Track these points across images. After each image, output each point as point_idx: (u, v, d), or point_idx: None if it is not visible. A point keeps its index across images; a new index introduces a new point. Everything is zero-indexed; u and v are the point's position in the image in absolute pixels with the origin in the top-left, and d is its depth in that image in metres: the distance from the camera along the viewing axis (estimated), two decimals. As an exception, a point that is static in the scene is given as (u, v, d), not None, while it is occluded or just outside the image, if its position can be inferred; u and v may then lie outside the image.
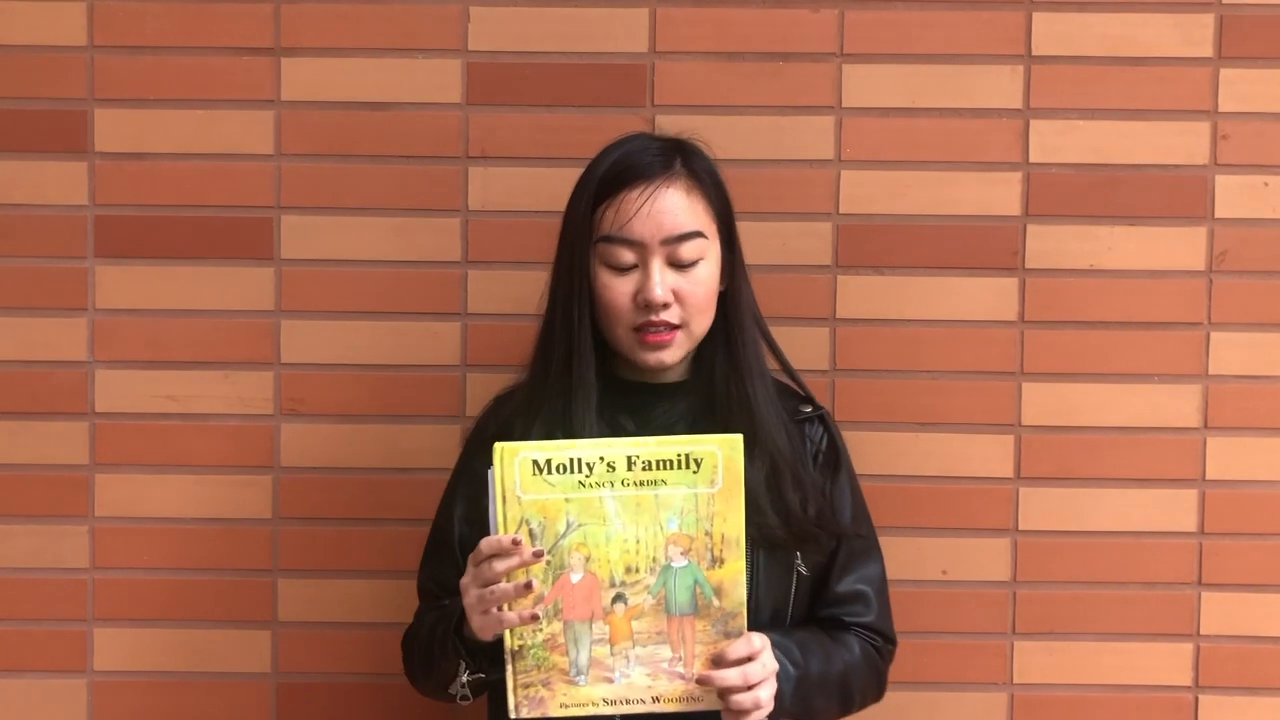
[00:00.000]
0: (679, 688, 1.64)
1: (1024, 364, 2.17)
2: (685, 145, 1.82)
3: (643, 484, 1.60)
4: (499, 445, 1.60)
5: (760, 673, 1.64)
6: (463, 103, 2.16)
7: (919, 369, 2.17)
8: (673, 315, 1.76)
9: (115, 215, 2.17)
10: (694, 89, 2.15)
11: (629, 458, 1.60)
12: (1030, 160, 2.16)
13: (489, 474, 1.60)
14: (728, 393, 1.80)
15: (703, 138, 1.85)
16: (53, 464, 2.19)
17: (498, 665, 1.65)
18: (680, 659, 1.64)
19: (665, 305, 1.75)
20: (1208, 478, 2.17)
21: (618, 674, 1.63)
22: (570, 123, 2.15)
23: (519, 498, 1.60)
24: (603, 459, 1.60)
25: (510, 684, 1.63)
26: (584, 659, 1.63)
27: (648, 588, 1.62)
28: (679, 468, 1.60)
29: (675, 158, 1.79)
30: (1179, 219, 2.16)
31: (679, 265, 1.76)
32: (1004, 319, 2.17)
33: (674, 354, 1.79)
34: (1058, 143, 2.15)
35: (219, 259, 2.17)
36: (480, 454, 1.70)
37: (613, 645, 1.63)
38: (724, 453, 1.61)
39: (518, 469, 1.59)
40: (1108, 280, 2.16)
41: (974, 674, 2.18)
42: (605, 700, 1.64)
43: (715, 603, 1.63)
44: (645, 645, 1.63)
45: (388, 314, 2.17)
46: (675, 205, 1.76)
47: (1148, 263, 2.16)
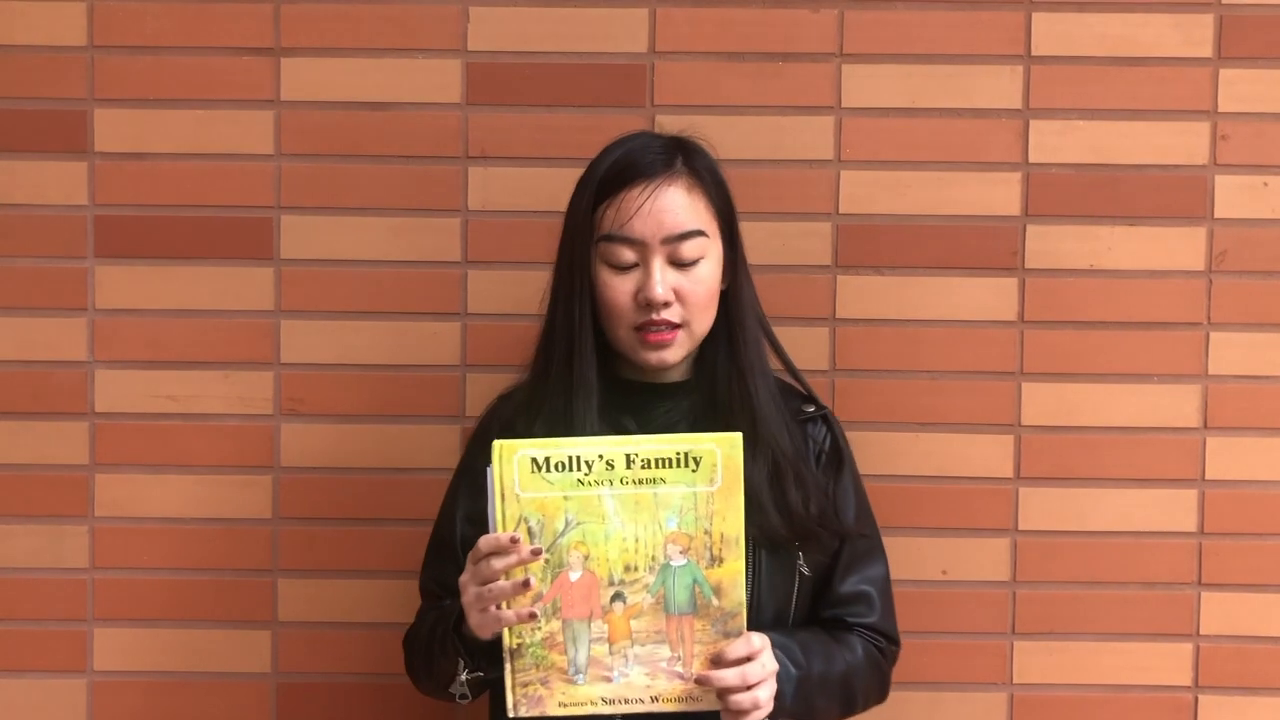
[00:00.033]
0: (678, 687, 1.64)
1: (1024, 364, 2.17)
2: (687, 143, 1.82)
3: (641, 482, 1.60)
4: (497, 443, 1.60)
5: (759, 673, 1.64)
6: (462, 103, 2.17)
7: (919, 369, 2.17)
8: (674, 314, 1.76)
9: (115, 215, 2.17)
10: (694, 89, 2.15)
11: (628, 456, 1.60)
12: (1030, 160, 2.16)
13: (488, 472, 1.60)
14: (729, 392, 1.80)
15: (704, 136, 1.85)
16: (53, 464, 2.19)
17: (497, 664, 1.65)
18: (679, 658, 1.63)
19: (666, 304, 1.75)
20: (1207, 478, 2.17)
21: (616, 673, 1.63)
22: (570, 123, 2.15)
23: (518, 495, 1.60)
24: (601, 457, 1.60)
25: (509, 683, 1.63)
26: (582, 658, 1.63)
27: (647, 586, 1.62)
28: (678, 466, 1.60)
29: (676, 156, 1.78)
30: (1179, 219, 2.16)
31: (680, 264, 1.76)
32: (1004, 319, 2.17)
33: (675, 353, 1.78)
34: (1057, 143, 2.15)
35: (219, 259, 2.17)
36: (482, 454, 1.70)
37: (611, 644, 1.63)
38: (723, 451, 1.60)
39: (516, 467, 1.59)
40: (1107, 280, 2.16)
41: (974, 674, 2.18)
42: (604, 699, 1.64)
43: (714, 602, 1.62)
44: (644, 644, 1.63)
45: (387, 314, 2.17)
46: (676, 204, 1.76)
47: (1147, 263, 2.16)
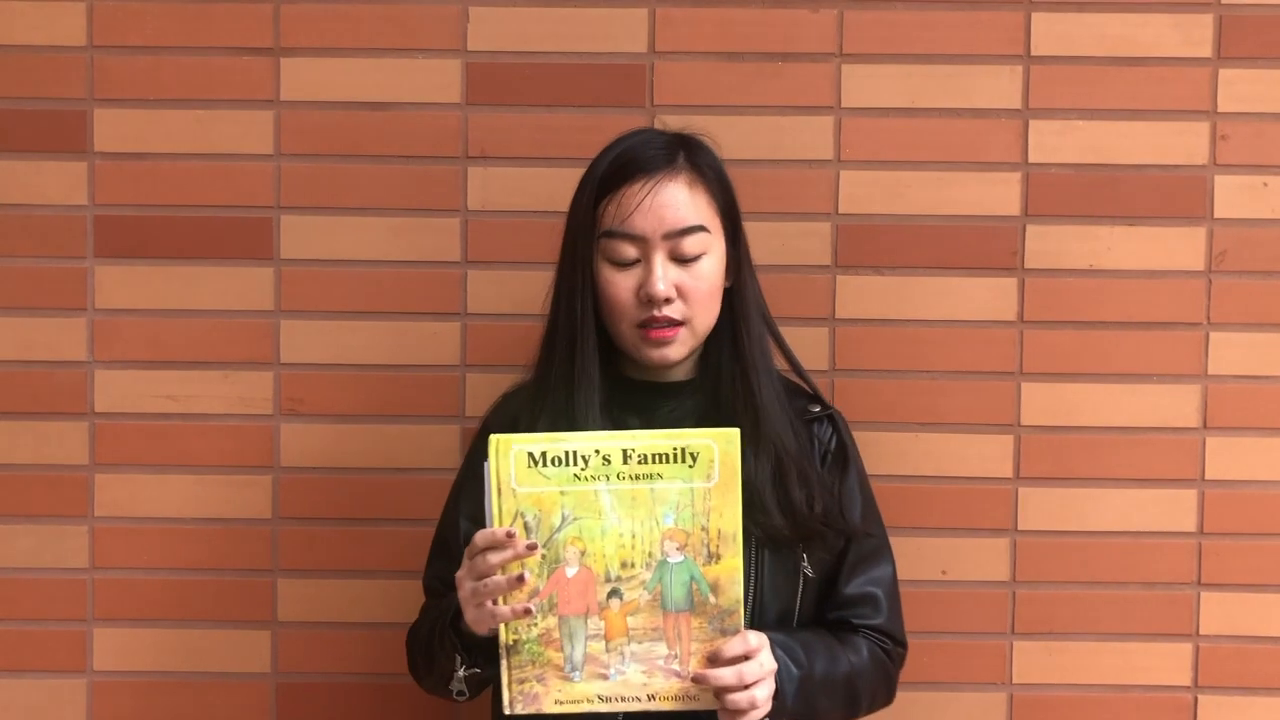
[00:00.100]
0: (675, 686, 1.63)
1: (1023, 364, 2.17)
2: (689, 140, 1.81)
3: (638, 478, 1.60)
4: (494, 437, 1.60)
5: (757, 672, 1.63)
6: (462, 103, 2.17)
7: (918, 369, 2.17)
8: (675, 311, 1.75)
9: (115, 215, 2.17)
10: (693, 89, 2.15)
11: (624, 451, 1.59)
12: (1030, 160, 2.16)
13: (484, 466, 1.60)
14: (733, 390, 1.79)
15: (708, 132, 1.85)
16: (52, 464, 2.19)
17: (494, 661, 1.64)
18: (676, 656, 1.63)
19: (668, 300, 1.74)
20: (1207, 478, 2.17)
21: (613, 671, 1.62)
22: (570, 123, 2.15)
23: (514, 490, 1.59)
24: (598, 452, 1.59)
25: (505, 679, 1.63)
26: (579, 655, 1.62)
27: (643, 583, 1.61)
28: (675, 461, 1.59)
29: (679, 152, 1.78)
30: (1178, 219, 2.16)
31: (682, 260, 1.75)
32: (1003, 319, 2.17)
33: (678, 350, 1.78)
34: (1057, 143, 2.15)
35: (219, 259, 2.17)
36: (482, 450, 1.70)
37: (608, 641, 1.62)
38: (720, 447, 1.60)
39: (513, 461, 1.59)
40: (1107, 280, 2.16)
41: (973, 674, 2.18)
42: (600, 697, 1.63)
43: (711, 599, 1.62)
44: (641, 642, 1.62)
45: (387, 314, 2.18)
46: (677, 199, 1.75)
47: (1147, 263, 2.16)
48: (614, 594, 1.61)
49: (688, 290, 1.75)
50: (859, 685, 1.79)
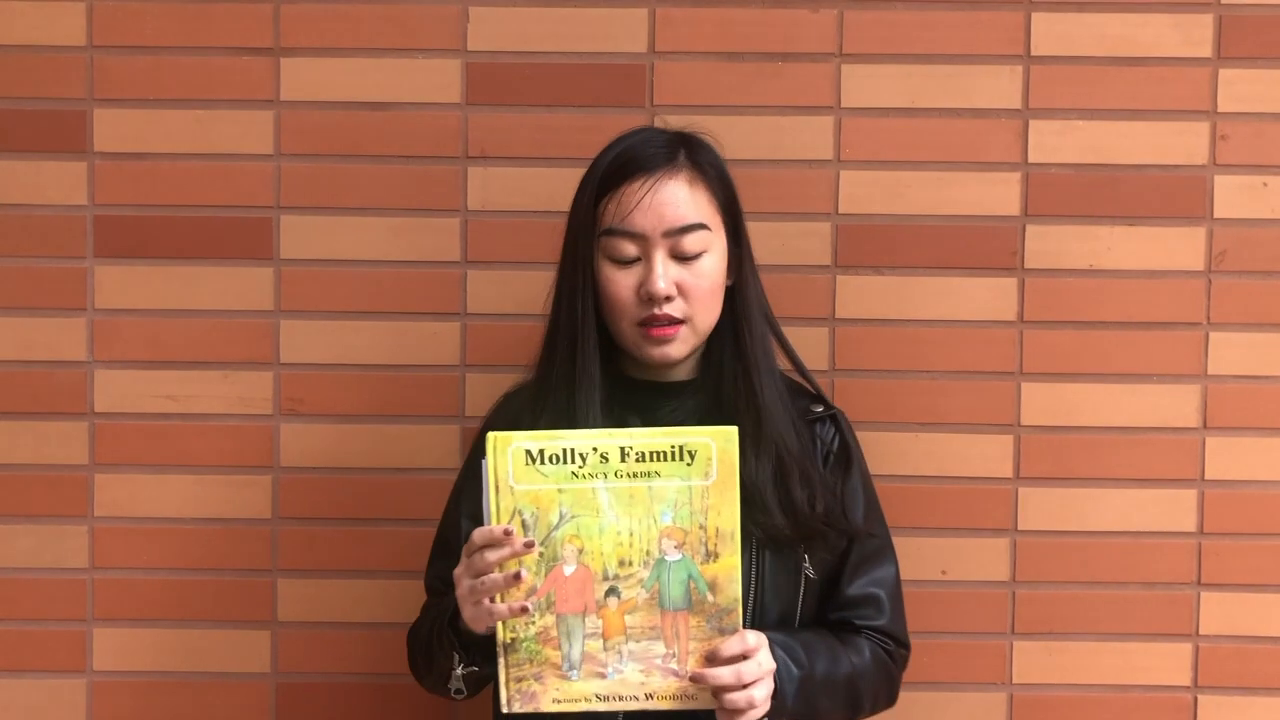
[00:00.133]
0: (673, 685, 1.62)
1: (1023, 364, 2.17)
2: (691, 138, 1.81)
3: (636, 475, 1.59)
4: (491, 434, 1.60)
5: (755, 671, 1.62)
6: (462, 103, 2.17)
7: (918, 369, 2.17)
8: (676, 309, 1.75)
9: (115, 215, 2.17)
10: (693, 89, 2.15)
11: (622, 449, 1.59)
12: (1029, 160, 2.15)
13: (482, 464, 1.59)
14: (734, 389, 1.79)
15: (710, 131, 1.85)
16: (52, 464, 2.19)
17: (492, 659, 1.63)
18: (674, 655, 1.62)
19: (668, 298, 1.73)
20: (1207, 478, 2.16)
21: (610, 669, 1.62)
22: (570, 123, 2.15)
23: (511, 488, 1.59)
24: (596, 450, 1.59)
25: (502, 677, 1.62)
26: (576, 653, 1.62)
27: (641, 581, 1.61)
28: (673, 459, 1.59)
29: (679, 150, 1.78)
30: (1178, 219, 2.16)
31: (682, 258, 1.75)
32: (1003, 319, 2.16)
33: (679, 348, 1.77)
34: (1057, 143, 2.15)
35: (218, 259, 2.17)
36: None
37: (605, 640, 1.62)
38: (718, 445, 1.59)
39: (510, 459, 1.59)
40: (1107, 280, 2.16)
41: (973, 674, 2.18)
42: (598, 696, 1.63)
43: (709, 598, 1.61)
44: (639, 640, 1.62)
45: (387, 314, 2.17)
46: (677, 197, 1.75)
47: (1147, 263, 2.16)
48: (612, 592, 1.61)
49: (688, 288, 1.75)
50: (860, 686, 1.79)
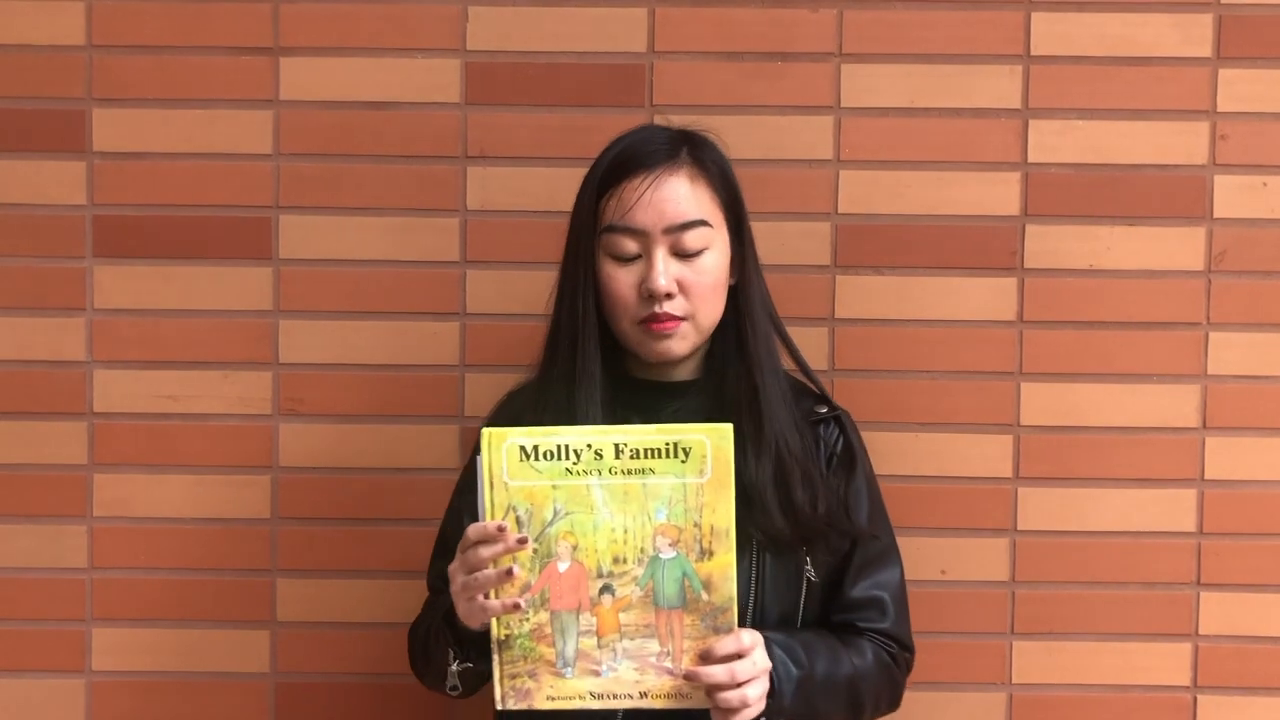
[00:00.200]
0: (667, 683, 1.62)
1: (1023, 364, 2.17)
2: (693, 135, 1.81)
3: (630, 473, 1.58)
4: (486, 430, 1.59)
5: (749, 670, 1.61)
6: (461, 102, 2.16)
7: (918, 369, 2.17)
8: (677, 307, 1.74)
9: (114, 215, 2.17)
10: (693, 89, 2.15)
11: (616, 445, 1.58)
12: (1029, 160, 2.15)
13: (477, 460, 1.59)
14: (737, 389, 1.78)
15: (713, 130, 1.84)
16: (51, 464, 2.19)
17: (487, 656, 1.63)
18: (668, 654, 1.61)
19: (669, 295, 1.73)
20: (1206, 478, 2.16)
21: (605, 667, 1.62)
22: (569, 122, 2.15)
23: (506, 484, 1.58)
24: (590, 446, 1.58)
25: (497, 674, 1.62)
26: (571, 650, 1.61)
27: (635, 579, 1.60)
28: (667, 457, 1.58)
29: (681, 147, 1.77)
30: (1178, 219, 2.16)
31: (683, 255, 1.74)
32: (1003, 319, 2.16)
33: (680, 345, 1.77)
34: (1056, 142, 2.15)
35: (218, 259, 2.17)
36: None
37: (600, 637, 1.61)
38: (713, 442, 1.58)
39: (505, 455, 1.58)
40: (1106, 280, 2.16)
41: (973, 674, 2.18)
42: (592, 694, 1.62)
43: (704, 596, 1.60)
44: (633, 638, 1.61)
45: (386, 314, 2.17)
46: (678, 193, 1.74)
47: (1147, 263, 2.16)
48: (606, 590, 1.60)
49: (689, 285, 1.74)
50: (862, 688, 1.78)
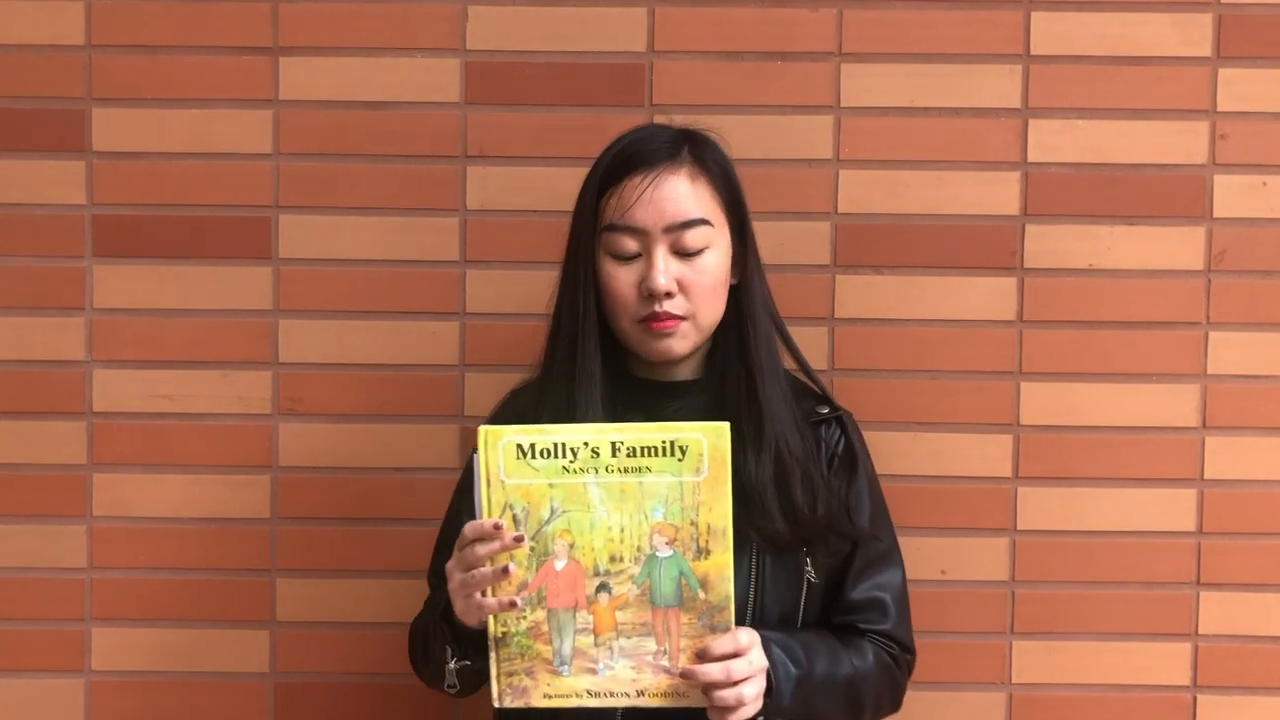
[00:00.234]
0: (664, 682, 1.61)
1: (1022, 363, 2.17)
2: (695, 135, 1.80)
3: (627, 471, 1.58)
4: (483, 428, 1.59)
5: (746, 669, 1.60)
6: (461, 102, 2.16)
7: (917, 369, 2.17)
8: (677, 306, 1.74)
9: (113, 214, 2.17)
10: (692, 88, 2.15)
11: (613, 444, 1.58)
12: (1029, 160, 2.15)
13: (473, 457, 1.59)
14: (737, 389, 1.78)
15: (716, 129, 1.84)
16: (50, 464, 2.19)
17: (485, 653, 1.63)
18: (665, 652, 1.61)
19: (669, 294, 1.73)
20: (1206, 477, 2.16)
21: (601, 665, 1.61)
22: (569, 122, 2.15)
23: (503, 482, 1.58)
24: (587, 444, 1.58)
25: (494, 671, 1.62)
26: (567, 648, 1.61)
27: (632, 577, 1.60)
28: (664, 455, 1.58)
29: (683, 146, 1.77)
30: (1177, 218, 2.16)
31: (684, 253, 1.74)
32: (1002, 319, 2.16)
33: (681, 344, 1.76)
34: (1056, 142, 2.15)
35: (217, 258, 2.17)
36: None
37: (597, 635, 1.61)
38: (709, 441, 1.58)
39: (501, 452, 1.58)
40: (1106, 280, 2.16)
41: (972, 674, 2.18)
42: (589, 692, 1.62)
43: (701, 595, 1.60)
44: (630, 637, 1.61)
45: (386, 314, 2.17)
46: (679, 192, 1.74)
47: (1146, 262, 2.16)
48: (603, 588, 1.60)
49: (689, 284, 1.74)
50: (862, 689, 1.77)
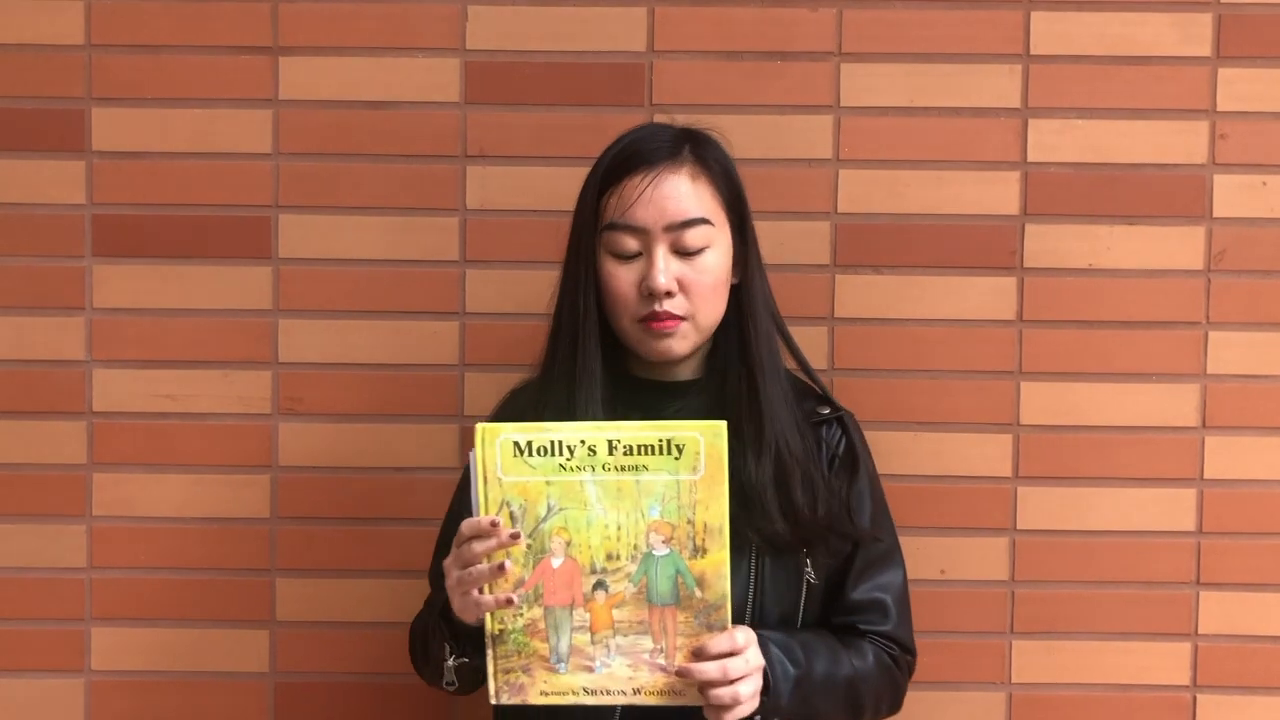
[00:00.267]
0: (660, 680, 1.62)
1: (1022, 363, 2.17)
2: (697, 134, 1.80)
3: (624, 469, 1.58)
4: (480, 426, 1.59)
5: (742, 668, 1.60)
6: (461, 102, 2.16)
7: (917, 368, 2.17)
8: (677, 306, 1.73)
9: (113, 214, 2.17)
10: (692, 88, 2.15)
11: (610, 442, 1.58)
12: (1029, 159, 2.15)
13: (470, 455, 1.59)
14: (738, 389, 1.77)
15: (718, 128, 1.84)
16: (50, 463, 2.19)
17: (483, 651, 1.63)
18: (662, 650, 1.61)
19: (669, 294, 1.72)
20: (1206, 477, 2.16)
21: (598, 663, 1.61)
22: (568, 122, 2.15)
23: (500, 479, 1.58)
24: (584, 442, 1.58)
25: (491, 669, 1.62)
26: (564, 646, 1.61)
27: (629, 575, 1.60)
28: (660, 453, 1.58)
29: (684, 145, 1.77)
30: (1177, 218, 2.16)
31: (684, 253, 1.74)
32: (1002, 318, 2.16)
33: (680, 344, 1.76)
34: (1056, 142, 2.15)
35: (217, 258, 2.17)
36: None
37: (593, 633, 1.61)
38: (706, 439, 1.58)
39: (499, 450, 1.58)
40: (1106, 280, 2.16)
41: (972, 673, 2.18)
42: (586, 690, 1.62)
43: (697, 594, 1.60)
44: (626, 635, 1.61)
45: (386, 313, 2.17)
46: (679, 191, 1.74)
47: (1146, 262, 2.16)
48: (599, 586, 1.60)
49: (690, 284, 1.74)
50: (862, 689, 1.77)
